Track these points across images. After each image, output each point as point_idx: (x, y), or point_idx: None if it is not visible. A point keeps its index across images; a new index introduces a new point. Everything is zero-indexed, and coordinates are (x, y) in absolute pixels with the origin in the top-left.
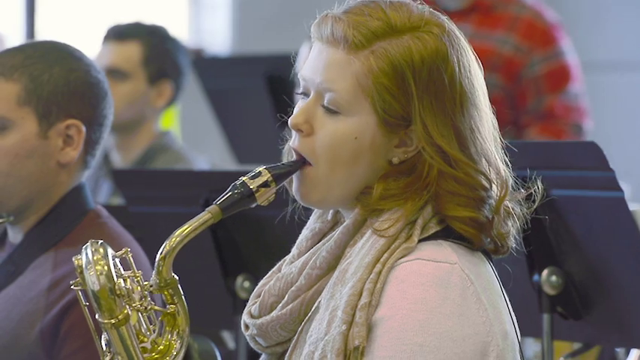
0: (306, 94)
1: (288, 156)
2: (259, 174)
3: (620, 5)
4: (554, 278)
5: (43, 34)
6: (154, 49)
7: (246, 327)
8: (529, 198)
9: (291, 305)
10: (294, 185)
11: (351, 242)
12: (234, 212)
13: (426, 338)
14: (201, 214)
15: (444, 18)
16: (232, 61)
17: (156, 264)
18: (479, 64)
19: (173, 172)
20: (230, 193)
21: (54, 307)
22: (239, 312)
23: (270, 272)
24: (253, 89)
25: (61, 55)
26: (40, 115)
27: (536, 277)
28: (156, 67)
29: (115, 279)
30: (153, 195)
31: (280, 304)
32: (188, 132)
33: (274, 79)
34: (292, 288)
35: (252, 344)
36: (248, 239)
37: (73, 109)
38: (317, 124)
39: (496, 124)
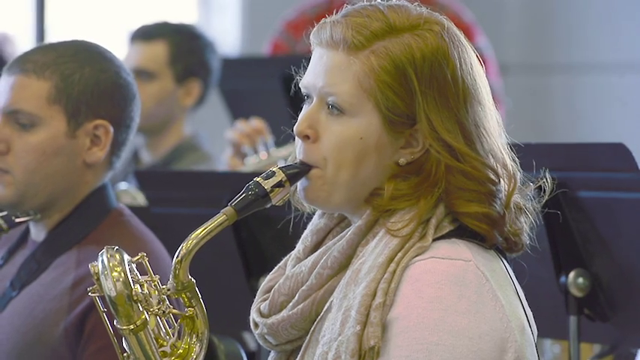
0: (309, 96)
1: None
2: (273, 174)
3: (631, 6)
4: (581, 280)
5: (52, 34)
6: (180, 48)
7: (256, 325)
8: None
9: (302, 305)
10: (299, 186)
11: (363, 242)
12: (249, 213)
13: (441, 337)
14: (216, 216)
15: (443, 17)
16: (249, 62)
17: (172, 267)
18: (480, 61)
19: (195, 173)
20: (244, 194)
21: (78, 304)
22: None
23: (276, 267)
24: (270, 90)
25: (92, 55)
26: (69, 114)
27: (563, 278)
28: (182, 66)
29: (132, 285)
30: (175, 196)
31: (291, 304)
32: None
33: (291, 81)
34: (303, 287)
35: (261, 342)
36: (271, 240)
37: (102, 110)
38: (321, 129)
39: (500, 120)
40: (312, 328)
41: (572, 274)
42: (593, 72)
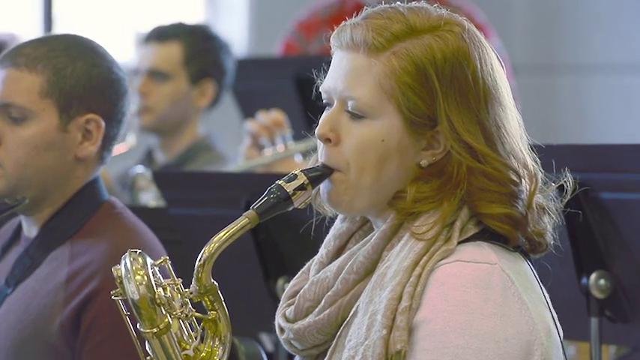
0: (329, 104)
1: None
2: (295, 177)
3: (638, 7)
4: (602, 282)
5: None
6: (194, 49)
7: (282, 330)
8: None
9: (328, 310)
10: (322, 190)
11: (388, 246)
12: (271, 216)
13: (467, 340)
14: (238, 220)
15: (463, 18)
16: (260, 63)
17: (195, 271)
18: (501, 62)
19: (214, 174)
20: (266, 197)
21: (74, 299)
22: None
23: (300, 272)
24: (281, 91)
25: (84, 49)
26: (60, 108)
27: (584, 280)
28: (197, 67)
29: (155, 288)
30: (193, 197)
31: (317, 309)
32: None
33: (303, 81)
34: (329, 293)
35: (286, 347)
36: (289, 241)
37: (94, 105)
38: (343, 132)
39: (521, 121)
40: (338, 333)
41: (593, 276)
42: (600, 73)
